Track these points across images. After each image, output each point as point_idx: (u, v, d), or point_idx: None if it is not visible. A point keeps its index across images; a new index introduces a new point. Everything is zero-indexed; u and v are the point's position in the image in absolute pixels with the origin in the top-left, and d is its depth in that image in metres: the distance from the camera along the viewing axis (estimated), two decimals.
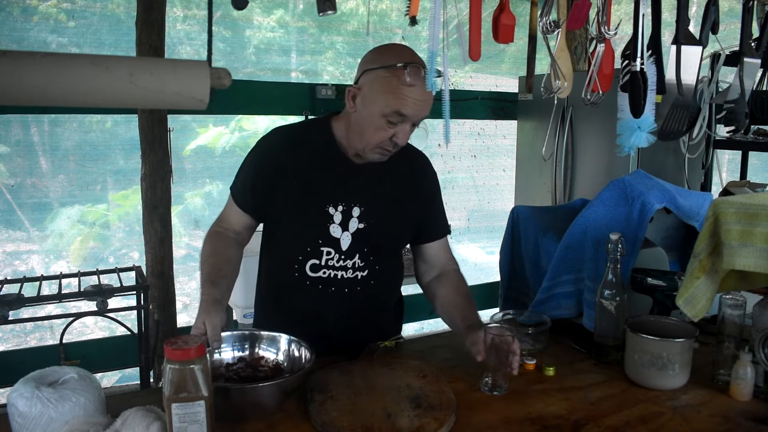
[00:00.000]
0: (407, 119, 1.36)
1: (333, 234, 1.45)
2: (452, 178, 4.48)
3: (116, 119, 3.28)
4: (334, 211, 1.45)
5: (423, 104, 1.36)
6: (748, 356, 1.27)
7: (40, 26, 3.03)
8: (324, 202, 1.45)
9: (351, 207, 1.46)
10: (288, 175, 1.46)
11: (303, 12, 3.82)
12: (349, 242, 1.46)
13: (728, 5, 3.96)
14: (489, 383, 1.31)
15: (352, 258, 1.47)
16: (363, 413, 1.16)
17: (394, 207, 1.52)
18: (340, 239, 1.45)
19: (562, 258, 1.65)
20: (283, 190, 1.46)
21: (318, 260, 1.45)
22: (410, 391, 1.25)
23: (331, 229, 1.45)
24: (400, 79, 1.32)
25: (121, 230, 3.55)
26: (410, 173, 1.56)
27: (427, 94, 1.35)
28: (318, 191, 1.46)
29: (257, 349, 1.35)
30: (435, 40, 1.59)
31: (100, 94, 1.55)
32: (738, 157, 3.64)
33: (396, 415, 1.15)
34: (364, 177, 1.48)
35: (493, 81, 4.40)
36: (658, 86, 1.68)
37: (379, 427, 1.11)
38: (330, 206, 1.45)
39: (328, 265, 1.46)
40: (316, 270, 1.46)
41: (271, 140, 1.52)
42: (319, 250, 1.45)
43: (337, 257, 1.46)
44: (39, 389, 1.07)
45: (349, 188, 1.47)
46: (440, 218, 1.64)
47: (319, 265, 1.46)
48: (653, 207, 1.58)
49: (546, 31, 1.67)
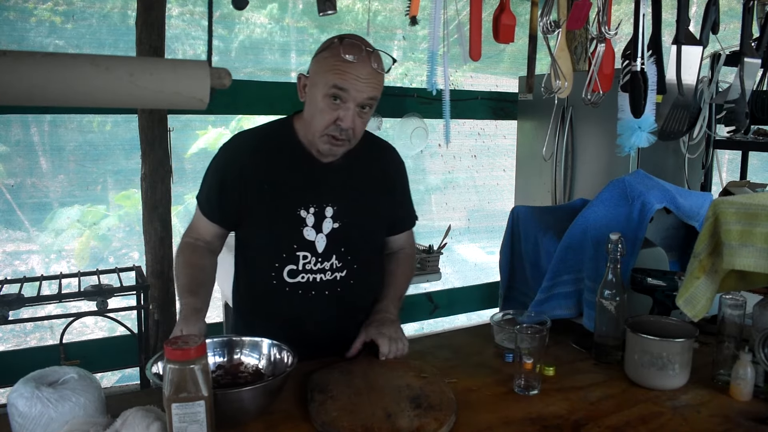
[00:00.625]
0: (348, 96, 1.32)
1: (307, 237, 1.42)
2: (452, 178, 4.48)
3: (116, 119, 3.28)
4: (306, 214, 1.42)
5: (365, 83, 1.32)
6: (748, 356, 1.27)
7: (38, 28, 3.03)
8: (295, 206, 1.42)
9: (324, 207, 1.43)
10: (255, 181, 1.42)
11: (303, 12, 3.82)
12: (324, 244, 1.44)
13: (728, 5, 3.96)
14: (522, 384, 1.31)
15: (329, 260, 1.45)
16: (363, 413, 1.16)
17: (367, 202, 1.49)
18: (315, 242, 1.43)
19: (562, 258, 1.65)
20: (251, 197, 1.42)
21: (295, 265, 1.43)
22: (410, 391, 1.25)
23: (305, 232, 1.42)
24: (337, 55, 1.30)
25: (121, 230, 3.55)
26: (380, 166, 1.55)
27: (370, 72, 1.32)
28: (287, 195, 1.42)
29: (235, 356, 1.31)
30: (435, 40, 1.60)
31: (101, 94, 1.55)
32: (738, 157, 3.64)
33: (396, 415, 1.15)
34: (333, 175, 1.45)
35: (493, 81, 4.40)
36: (659, 86, 1.68)
37: (379, 427, 1.11)
38: (301, 209, 1.42)
39: (305, 270, 1.44)
40: (294, 276, 1.43)
41: (233, 146, 1.47)
42: (295, 255, 1.42)
43: (314, 260, 1.43)
44: (39, 389, 1.07)
45: (320, 188, 1.44)
46: (410, 209, 1.66)
47: (296, 270, 1.43)
48: (653, 207, 1.58)
49: (546, 31, 1.67)
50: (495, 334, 1.59)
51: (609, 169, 3.43)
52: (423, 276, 3.60)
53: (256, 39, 3.68)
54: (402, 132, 3.81)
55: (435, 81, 1.63)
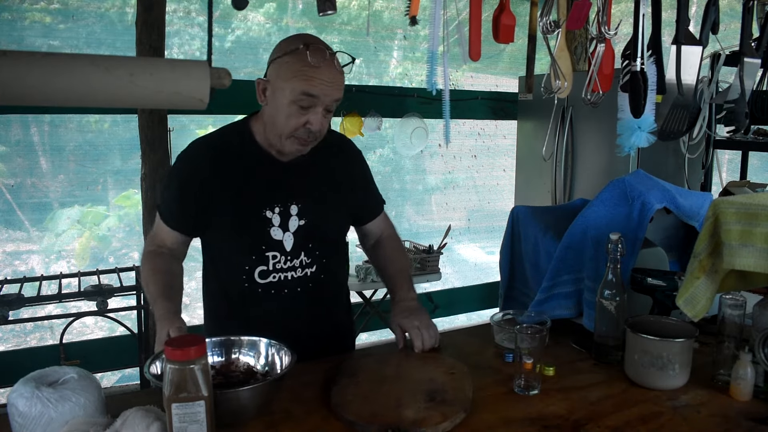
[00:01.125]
0: (317, 101, 1.34)
1: (274, 237, 1.44)
2: (452, 178, 4.49)
3: (116, 119, 3.28)
4: (272, 214, 1.44)
5: (331, 85, 1.34)
6: (748, 356, 1.27)
7: (35, 28, 3.03)
8: (260, 207, 1.43)
9: (288, 206, 1.45)
10: (217, 186, 1.42)
11: (302, 12, 3.82)
12: (292, 242, 1.45)
13: (728, 5, 3.97)
14: (522, 384, 1.31)
15: (298, 257, 1.47)
16: (377, 401, 1.20)
17: (330, 197, 1.52)
18: (282, 241, 1.45)
19: (562, 258, 1.65)
20: (215, 204, 1.43)
21: (265, 266, 1.44)
22: (432, 384, 1.27)
23: (272, 232, 1.44)
24: (303, 61, 1.31)
25: (121, 230, 3.55)
26: (339, 160, 1.56)
27: (335, 75, 1.35)
28: (251, 197, 1.44)
29: (226, 356, 1.31)
30: (435, 40, 1.60)
31: (100, 94, 1.55)
32: (738, 157, 3.64)
33: (406, 405, 1.18)
34: (294, 173, 1.47)
35: (493, 81, 4.41)
36: (658, 86, 1.68)
37: (384, 415, 1.14)
38: (267, 210, 1.43)
39: (276, 269, 1.45)
40: (265, 276, 1.45)
41: (192, 154, 1.47)
42: (264, 256, 1.44)
43: (284, 259, 1.45)
44: (39, 389, 1.07)
45: (283, 187, 1.46)
46: (375, 196, 1.68)
47: (267, 270, 1.45)
48: (653, 207, 1.58)
49: (546, 31, 1.67)
50: (495, 334, 1.59)
51: (609, 169, 3.44)
52: (423, 276, 3.60)
53: (255, 38, 3.68)
54: (402, 132, 3.82)
55: (435, 81, 1.63)
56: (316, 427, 1.15)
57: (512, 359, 1.42)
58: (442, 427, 1.12)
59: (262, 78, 1.39)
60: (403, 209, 4.35)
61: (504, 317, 1.64)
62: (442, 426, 1.12)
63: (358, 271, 3.44)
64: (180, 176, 1.47)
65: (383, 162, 4.19)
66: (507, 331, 1.55)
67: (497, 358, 1.49)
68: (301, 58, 1.32)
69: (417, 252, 3.71)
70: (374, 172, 1.70)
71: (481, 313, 4.43)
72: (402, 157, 4.16)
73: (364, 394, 1.22)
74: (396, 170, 4.25)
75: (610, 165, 3.44)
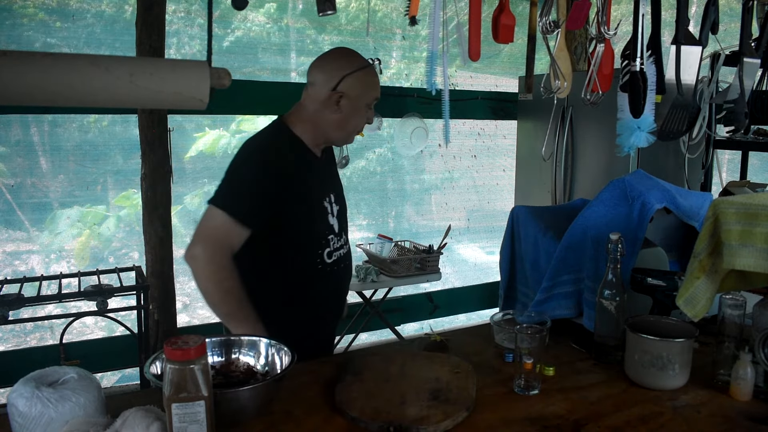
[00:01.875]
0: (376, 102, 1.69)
1: (331, 222, 1.68)
2: (452, 178, 4.49)
3: (116, 119, 3.28)
4: (328, 203, 1.68)
5: None
6: (748, 356, 1.27)
7: (35, 28, 3.02)
8: (321, 198, 1.66)
9: (330, 195, 1.70)
10: (289, 183, 1.57)
11: (302, 12, 3.82)
12: (337, 225, 1.71)
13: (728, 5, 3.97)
14: (522, 384, 1.31)
15: (342, 236, 1.74)
16: (380, 398, 1.21)
17: (339, 184, 1.81)
18: (333, 225, 1.69)
19: (562, 258, 1.65)
20: (290, 199, 1.57)
21: (330, 247, 1.67)
22: (436, 383, 1.28)
23: (329, 219, 1.68)
24: (372, 73, 1.65)
25: (121, 230, 3.55)
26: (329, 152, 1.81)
27: None
28: (312, 190, 1.64)
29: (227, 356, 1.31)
30: (435, 40, 1.60)
31: (100, 94, 1.55)
32: (738, 157, 3.64)
33: (409, 403, 1.19)
34: (326, 166, 1.74)
35: (493, 81, 4.40)
36: (658, 86, 1.68)
37: (387, 412, 1.15)
38: (325, 200, 1.67)
39: (335, 248, 1.69)
40: (330, 256, 1.67)
41: (266, 154, 1.57)
42: (327, 239, 1.67)
43: (336, 239, 1.70)
44: (39, 389, 1.07)
45: (326, 179, 1.71)
46: None
47: (331, 251, 1.68)
48: (653, 207, 1.58)
49: (546, 31, 1.67)
50: (495, 334, 1.59)
51: (609, 169, 3.43)
52: (423, 276, 3.60)
53: (255, 39, 3.68)
54: (402, 132, 3.82)
55: (434, 81, 1.64)
56: (317, 427, 1.16)
57: (512, 359, 1.43)
58: (444, 425, 1.12)
59: (334, 91, 1.59)
60: (403, 209, 4.35)
61: (504, 317, 1.64)
62: (443, 424, 1.12)
63: (358, 271, 3.43)
64: (258, 175, 1.55)
65: (382, 162, 4.19)
66: (507, 331, 1.55)
67: (497, 358, 1.49)
68: (371, 72, 1.64)
69: (417, 252, 3.71)
70: (374, 171, 1.77)
71: (481, 313, 4.43)
72: (401, 156, 4.16)
73: (368, 392, 1.23)
74: (395, 170, 4.25)
75: (610, 165, 3.43)
